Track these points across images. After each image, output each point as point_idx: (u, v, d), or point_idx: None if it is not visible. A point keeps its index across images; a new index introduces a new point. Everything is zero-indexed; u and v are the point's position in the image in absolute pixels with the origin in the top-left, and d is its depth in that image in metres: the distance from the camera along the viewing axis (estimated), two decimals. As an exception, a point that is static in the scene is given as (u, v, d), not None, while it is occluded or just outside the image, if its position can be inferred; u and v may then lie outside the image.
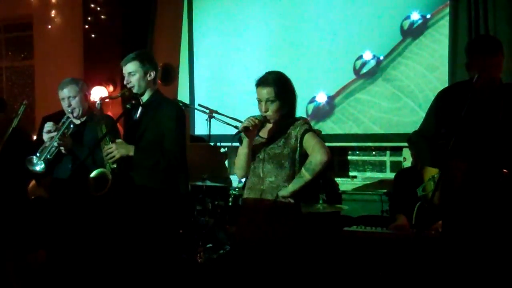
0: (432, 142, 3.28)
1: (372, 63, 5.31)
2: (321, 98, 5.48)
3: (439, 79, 5.03)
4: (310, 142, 2.98)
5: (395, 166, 5.24)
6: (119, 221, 3.53)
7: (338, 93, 5.42)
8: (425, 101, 5.08)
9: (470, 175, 3.10)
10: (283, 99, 2.99)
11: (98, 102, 3.65)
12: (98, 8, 6.27)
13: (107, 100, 3.92)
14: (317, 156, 2.93)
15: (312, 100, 5.52)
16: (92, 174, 3.51)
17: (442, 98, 3.38)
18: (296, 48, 5.57)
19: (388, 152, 5.33)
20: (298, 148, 3.01)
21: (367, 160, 5.37)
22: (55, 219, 3.82)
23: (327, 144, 3.08)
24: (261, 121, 3.01)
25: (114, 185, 3.47)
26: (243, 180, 3.53)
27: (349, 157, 5.42)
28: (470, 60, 3.22)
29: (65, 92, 3.80)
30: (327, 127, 5.42)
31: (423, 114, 4.94)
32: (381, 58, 5.27)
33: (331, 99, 5.45)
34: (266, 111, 2.98)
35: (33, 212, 4.28)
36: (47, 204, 4.10)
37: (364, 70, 5.34)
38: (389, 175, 5.25)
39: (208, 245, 4.49)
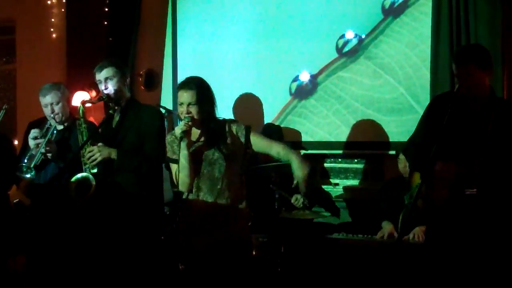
0: (418, 147, 3.35)
1: (354, 41, 5.36)
2: (304, 77, 5.55)
3: (419, 56, 5.11)
4: (260, 137, 3.29)
5: (377, 174, 5.27)
6: (102, 226, 3.51)
7: (321, 72, 5.49)
8: (405, 78, 5.20)
9: (456, 182, 3.15)
10: (204, 101, 3.15)
11: (80, 106, 3.63)
12: (82, 13, 6.24)
13: (88, 104, 3.91)
14: (280, 146, 3.22)
15: (296, 78, 5.58)
16: (73, 179, 3.49)
17: (433, 106, 3.44)
18: (279, 30, 5.62)
19: (369, 160, 5.36)
20: (244, 144, 3.21)
21: (348, 168, 5.40)
22: (36, 224, 3.80)
23: (307, 151, 3.12)
24: (190, 123, 3.11)
25: (97, 190, 3.45)
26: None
27: (331, 165, 5.44)
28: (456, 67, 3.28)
29: (48, 99, 3.79)
30: (310, 105, 5.50)
31: (403, 91, 5.16)
32: (363, 36, 5.33)
33: (314, 77, 5.52)
34: (188, 113, 3.12)
35: (14, 217, 4.24)
36: (28, 208, 4.07)
37: (347, 49, 5.39)
38: (371, 182, 5.27)
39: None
